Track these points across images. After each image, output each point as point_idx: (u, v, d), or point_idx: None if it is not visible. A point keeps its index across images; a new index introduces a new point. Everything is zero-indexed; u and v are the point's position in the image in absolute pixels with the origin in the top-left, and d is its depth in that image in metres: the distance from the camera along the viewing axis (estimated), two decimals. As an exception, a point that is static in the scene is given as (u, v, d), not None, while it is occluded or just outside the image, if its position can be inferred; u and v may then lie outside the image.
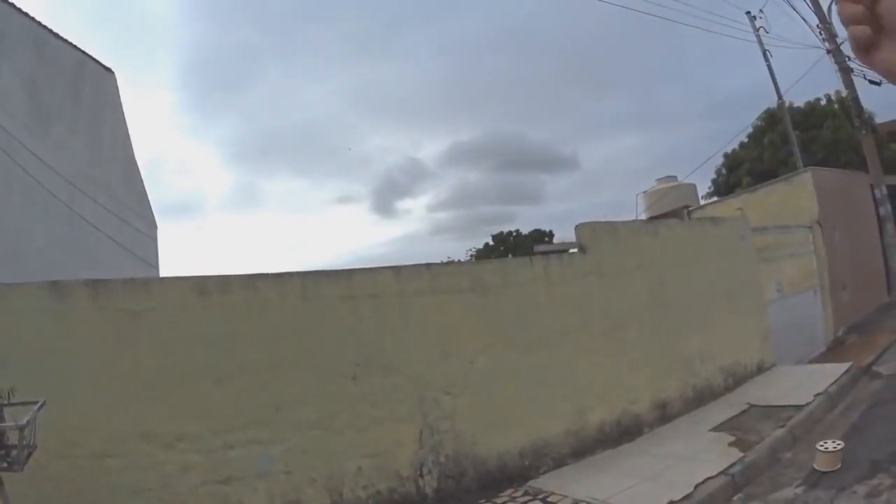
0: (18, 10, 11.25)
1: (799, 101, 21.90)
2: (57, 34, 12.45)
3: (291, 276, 5.48)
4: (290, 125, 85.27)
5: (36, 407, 3.27)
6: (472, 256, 33.33)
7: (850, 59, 14.18)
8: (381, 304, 5.83)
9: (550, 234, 33.05)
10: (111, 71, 14.64)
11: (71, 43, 13.02)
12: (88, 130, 13.27)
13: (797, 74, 35.28)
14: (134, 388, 4.61)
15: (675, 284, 8.33)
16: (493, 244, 35.39)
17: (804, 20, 15.16)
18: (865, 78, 14.22)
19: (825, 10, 14.44)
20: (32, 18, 11.70)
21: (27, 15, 11.52)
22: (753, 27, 18.87)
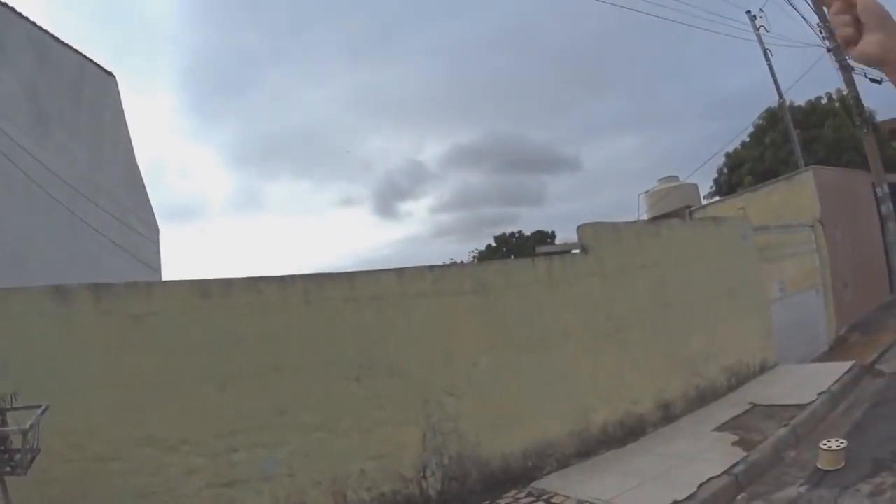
0: (19, 14, 11.28)
1: (800, 99, 21.93)
2: (58, 38, 12.49)
3: (294, 278, 5.48)
4: (291, 128, 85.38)
5: (39, 411, 3.27)
6: (474, 258, 33.36)
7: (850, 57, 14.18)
8: (383, 306, 5.83)
9: (553, 234, 33.09)
10: (112, 75, 14.69)
11: (72, 47, 13.06)
12: (90, 135, 13.30)
13: (798, 73, 35.36)
14: (137, 391, 4.60)
15: (677, 284, 8.33)
16: (495, 245, 35.45)
17: (804, 19, 15.19)
18: (866, 76, 14.22)
19: (825, 8, 14.41)
20: (33, 23, 11.74)
21: (28, 19, 11.56)
22: (754, 26, 18.91)
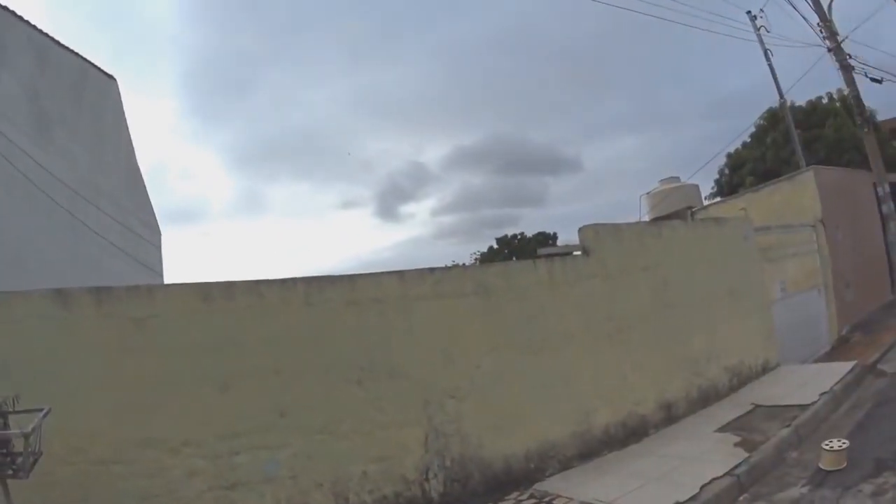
0: (20, 18, 11.30)
1: (801, 99, 21.92)
2: (59, 42, 12.52)
3: (295, 281, 5.47)
4: (292, 130, 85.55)
5: (41, 414, 3.28)
6: (476, 260, 33.44)
7: (850, 56, 14.17)
8: (385, 308, 5.82)
9: (555, 236, 33.11)
10: (113, 78, 14.70)
11: (72, 50, 13.09)
12: (90, 137, 13.32)
13: (798, 73, 35.28)
14: (138, 394, 4.60)
15: (678, 285, 8.32)
16: (497, 247, 35.49)
17: (804, 19, 15.13)
18: (867, 76, 14.24)
19: (825, 8, 14.43)
20: (34, 27, 11.76)
21: (29, 23, 11.58)
22: (754, 26, 18.93)
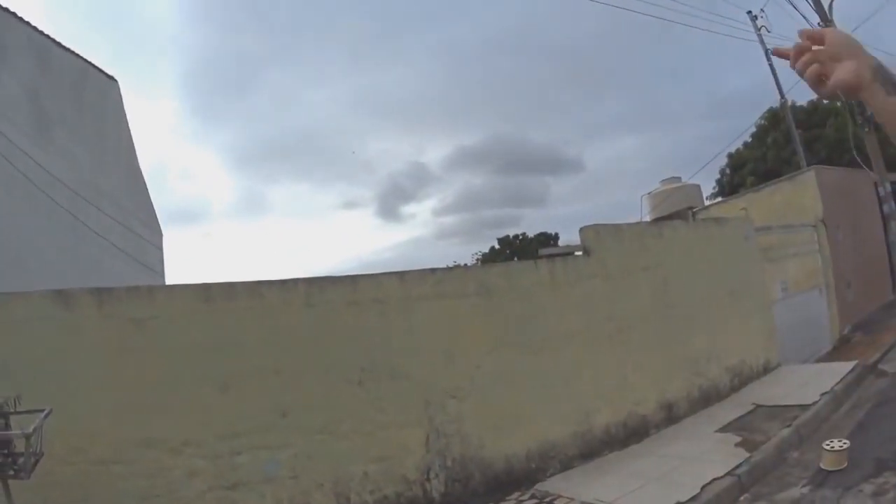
0: (20, 19, 11.31)
1: (801, 99, 21.87)
2: (59, 43, 12.51)
3: (296, 282, 5.48)
4: (292, 130, 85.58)
5: (42, 415, 3.28)
6: (477, 260, 33.43)
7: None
8: (385, 309, 5.83)
9: (556, 236, 33.10)
10: (114, 79, 14.70)
11: (73, 51, 13.08)
12: (91, 138, 13.32)
13: (799, 73, 35.13)
14: (139, 394, 4.61)
15: (679, 285, 8.32)
16: (498, 248, 35.48)
17: (805, 19, 15.12)
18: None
19: (826, 8, 14.43)
20: (34, 28, 11.77)
21: (29, 24, 11.58)
22: (755, 26, 18.89)
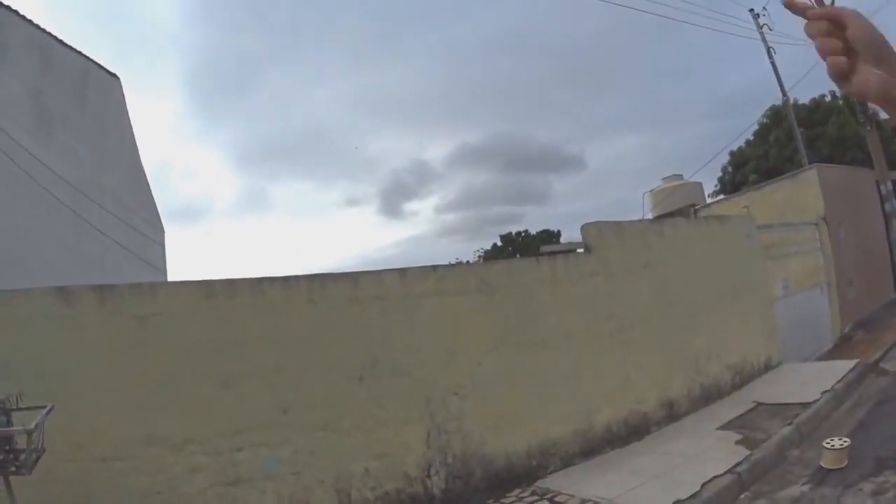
0: (22, 17, 11.32)
1: (804, 97, 21.92)
2: (61, 40, 12.52)
3: (298, 279, 5.49)
4: (295, 128, 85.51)
5: (44, 411, 3.29)
6: (480, 257, 33.37)
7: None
8: (387, 306, 5.84)
9: (558, 233, 33.07)
10: (116, 76, 14.70)
11: (75, 49, 13.08)
12: (93, 136, 13.33)
13: (801, 71, 35.17)
14: (141, 391, 4.63)
15: (681, 283, 8.32)
16: (501, 245, 35.44)
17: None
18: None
19: (828, 5, 14.39)
20: (36, 26, 11.77)
21: (31, 22, 11.59)
22: (757, 24, 18.86)
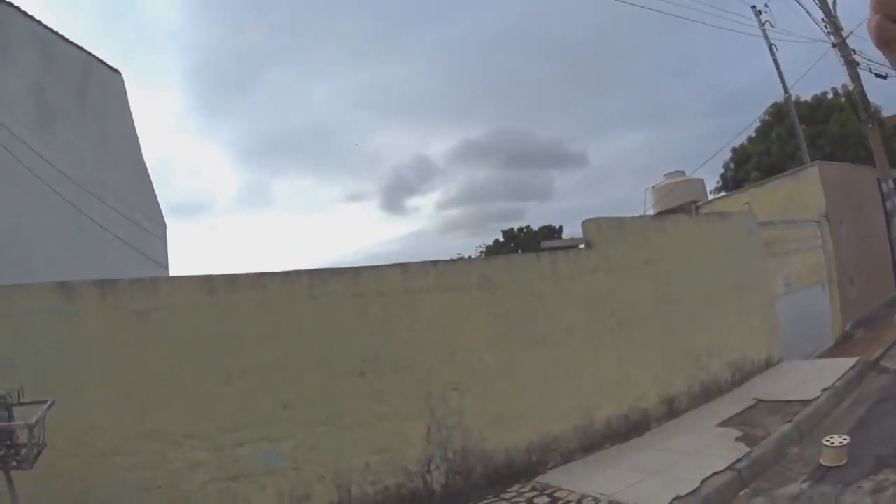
0: (24, 13, 11.32)
1: (806, 95, 21.84)
2: (63, 36, 12.51)
3: (299, 274, 5.50)
4: (297, 124, 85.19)
5: (45, 406, 3.31)
6: (481, 253, 33.30)
7: (855, 52, 14.12)
8: (388, 301, 5.85)
9: (560, 229, 32.99)
10: (118, 72, 14.70)
11: (77, 45, 13.07)
12: (96, 132, 13.33)
13: (803, 68, 35.13)
14: (142, 387, 4.64)
15: (682, 280, 8.32)
16: (503, 240, 35.33)
17: (809, 14, 15.07)
18: (871, 71, 14.15)
19: (830, 3, 14.37)
20: (38, 21, 11.77)
21: (33, 18, 11.59)
22: (759, 22, 18.81)
